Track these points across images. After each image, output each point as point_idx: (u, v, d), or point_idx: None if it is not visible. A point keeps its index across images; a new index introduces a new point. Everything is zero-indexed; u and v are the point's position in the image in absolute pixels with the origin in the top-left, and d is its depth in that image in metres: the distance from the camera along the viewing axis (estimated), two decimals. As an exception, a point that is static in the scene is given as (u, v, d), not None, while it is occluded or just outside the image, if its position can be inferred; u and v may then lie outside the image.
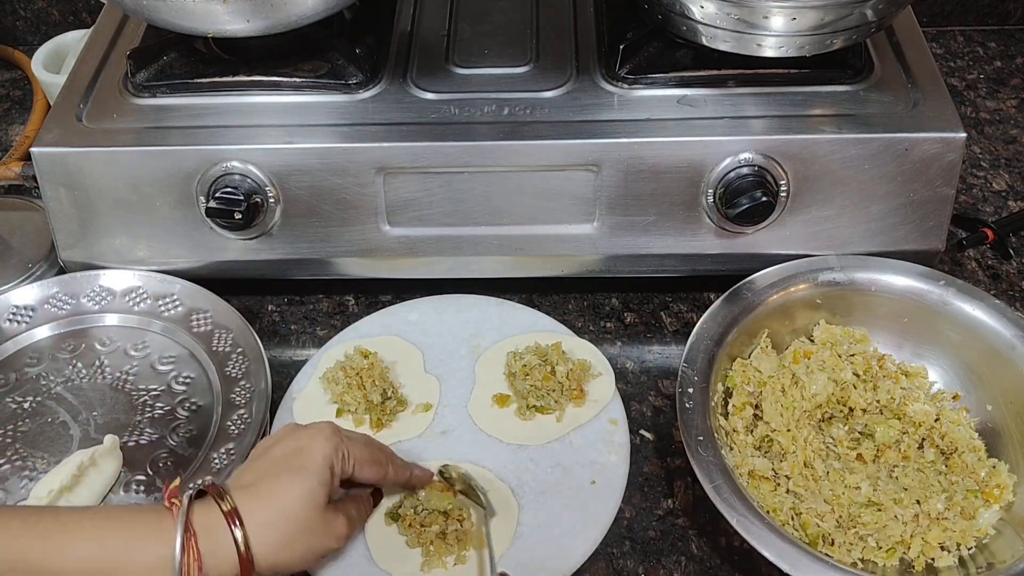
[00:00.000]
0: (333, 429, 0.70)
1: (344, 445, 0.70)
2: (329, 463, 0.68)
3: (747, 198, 0.84)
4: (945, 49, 1.27)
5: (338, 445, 0.69)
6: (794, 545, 0.70)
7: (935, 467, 0.80)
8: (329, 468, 0.68)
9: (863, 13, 0.82)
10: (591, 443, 0.84)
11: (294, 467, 0.67)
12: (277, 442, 0.70)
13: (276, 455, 0.69)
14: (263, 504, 0.65)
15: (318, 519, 0.67)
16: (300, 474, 0.66)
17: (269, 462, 0.68)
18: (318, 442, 0.68)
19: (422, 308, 0.95)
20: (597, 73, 0.93)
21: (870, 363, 0.85)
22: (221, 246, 0.91)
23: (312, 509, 0.66)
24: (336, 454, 0.69)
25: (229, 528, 0.63)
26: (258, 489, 0.66)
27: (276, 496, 0.65)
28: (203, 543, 0.62)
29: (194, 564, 0.61)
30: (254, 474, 0.67)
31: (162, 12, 0.83)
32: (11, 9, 1.28)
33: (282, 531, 0.65)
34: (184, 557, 0.61)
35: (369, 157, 0.86)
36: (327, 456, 0.68)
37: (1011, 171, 1.10)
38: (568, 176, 0.87)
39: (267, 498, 0.65)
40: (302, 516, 0.66)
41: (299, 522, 0.65)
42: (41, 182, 0.89)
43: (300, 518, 0.65)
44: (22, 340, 0.91)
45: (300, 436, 0.70)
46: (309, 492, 0.66)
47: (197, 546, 0.62)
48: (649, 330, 0.95)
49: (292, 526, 0.65)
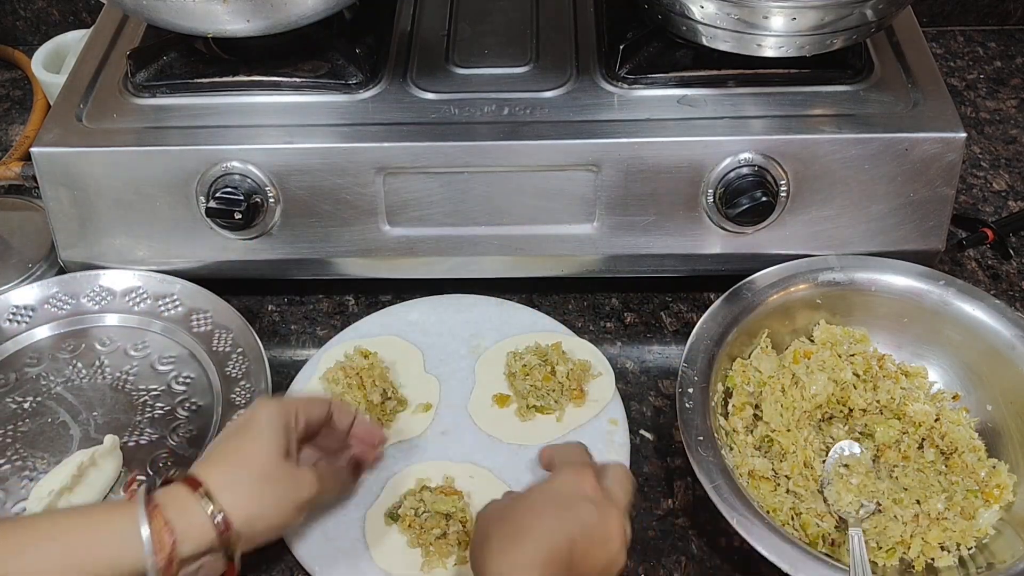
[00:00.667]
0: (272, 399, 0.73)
1: (287, 406, 0.70)
2: (279, 419, 0.69)
3: (747, 198, 0.84)
4: (945, 49, 1.27)
5: (280, 408, 0.70)
6: (794, 545, 0.70)
7: (935, 467, 0.80)
8: (282, 424, 0.69)
9: (863, 13, 0.82)
10: (591, 443, 0.83)
11: (240, 433, 0.68)
12: (226, 429, 0.71)
13: (225, 435, 0.70)
14: (220, 467, 0.66)
15: (280, 469, 0.67)
16: (250, 432, 0.68)
17: (217, 440, 0.70)
18: (260, 408, 0.70)
19: (422, 308, 0.95)
20: (597, 73, 0.93)
21: (870, 363, 0.85)
22: (221, 246, 0.91)
23: (269, 457, 0.66)
24: (281, 410, 0.69)
25: (190, 491, 0.63)
26: (208, 457, 0.67)
27: (229, 455, 0.67)
28: (170, 512, 0.62)
29: (164, 531, 0.61)
30: (208, 452, 0.69)
31: (162, 12, 0.83)
32: (11, 9, 1.28)
33: (245, 484, 0.65)
34: (153, 524, 0.60)
35: (369, 157, 0.86)
36: (271, 415, 0.69)
37: (1011, 171, 1.10)
38: (568, 176, 0.87)
39: (221, 461, 0.66)
40: (260, 466, 0.66)
41: (260, 473, 0.66)
42: (41, 182, 0.89)
43: (259, 469, 0.66)
44: (22, 340, 0.91)
45: (243, 413, 0.74)
46: (263, 445, 0.67)
47: (163, 515, 0.61)
48: (649, 330, 0.95)
49: (253, 478, 0.65)
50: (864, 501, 0.77)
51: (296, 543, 0.77)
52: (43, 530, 0.61)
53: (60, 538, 0.60)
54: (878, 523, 0.76)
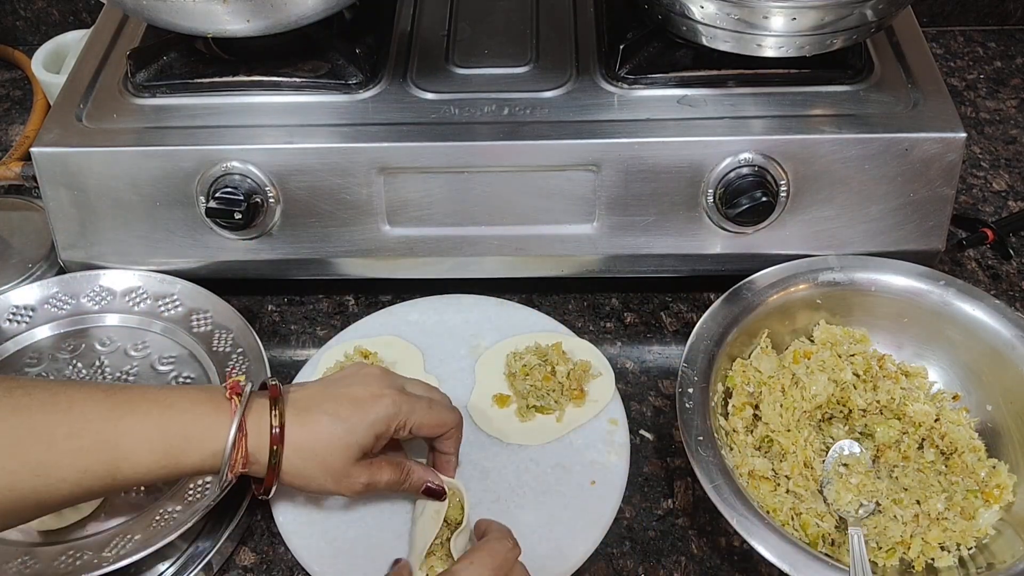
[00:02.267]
0: (397, 398, 0.72)
1: (403, 415, 0.72)
2: (377, 430, 0.71)
3: (747, 198, 0.84)
4: (945, 49, 1.27)
5: (395, 415, 0.72)
6: (794, 545, 0.70)
7: (935, 467, 0.80)
8: (375, 434, 0.71)
9: (863, 13, 0.82)
10: (591, 443, 0.84)
11: (343, 416, 0.70)
12: (349, 380, 0.73)
13: (340, 393, 0.72)
14: (305, 435, 0.69)
15: (342, 470, 0.71)
16: (344, 425, 0.70)
17: (330, 396, 0.72)
18: (378, 406, 0.71)
19: (422, 308, 0.95)
20: (597, 73, 0.93)
21: (870, 363, 0.85)
22: (221, 246, 0.91)
23: (341, 461, 0.70)
24: (390, 422, 0.71)
25: (269, 443, 0.68)
26: (307, 417, 0.70)
27: (315, 435, 0.69)
28: (251, 443, 0.68)
29: (240, 459, 0.68)
30: (313, 398, 0.71)
31: (162, 12, 0.83)
32: (11, 9, 1.28)
33: (308, 465, 0.70)
34: (234, 452, 0.67)
35: (369, 157, 0.86)
36: (378, 421, 0.71)
37: (1011, 171, 1.10)
38: (568, 176, 0.87)
39: (308, 432, 0.69)
40: (330, 463, 0.70)
41: (325, 467, 0.70)
42: (41, 182, 0.89)
43: (327, 464, 0.70)
44: (22, 340, 0.91)
45: (371, 387, 0.72)
46: (345, 447, 0.70)
47: (246, 446, 0.68)
48: (649, 330, 0.95)
49: (318, 466, 0.70)
50: (864, 500, 0.77)
51: (296, 543, 0.77)
52: (147, 413, 0.66)
53: (162, 425, 0.66)
54: (878, 523, 0.76)
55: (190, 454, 0.66)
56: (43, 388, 0.65)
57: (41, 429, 0.62)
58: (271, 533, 0.80)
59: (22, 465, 0.61)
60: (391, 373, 0.76)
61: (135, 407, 0.66)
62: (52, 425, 0.63)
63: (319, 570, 0.76)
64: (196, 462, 0.67)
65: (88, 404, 0.65)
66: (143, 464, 0.65)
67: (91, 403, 0.65)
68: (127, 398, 0.66)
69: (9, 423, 0.62)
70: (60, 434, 0.63)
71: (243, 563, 0.79)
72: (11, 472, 0.61)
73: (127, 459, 0.64)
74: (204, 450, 0.67)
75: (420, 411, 0.73)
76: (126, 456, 0.64)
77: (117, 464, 0.64)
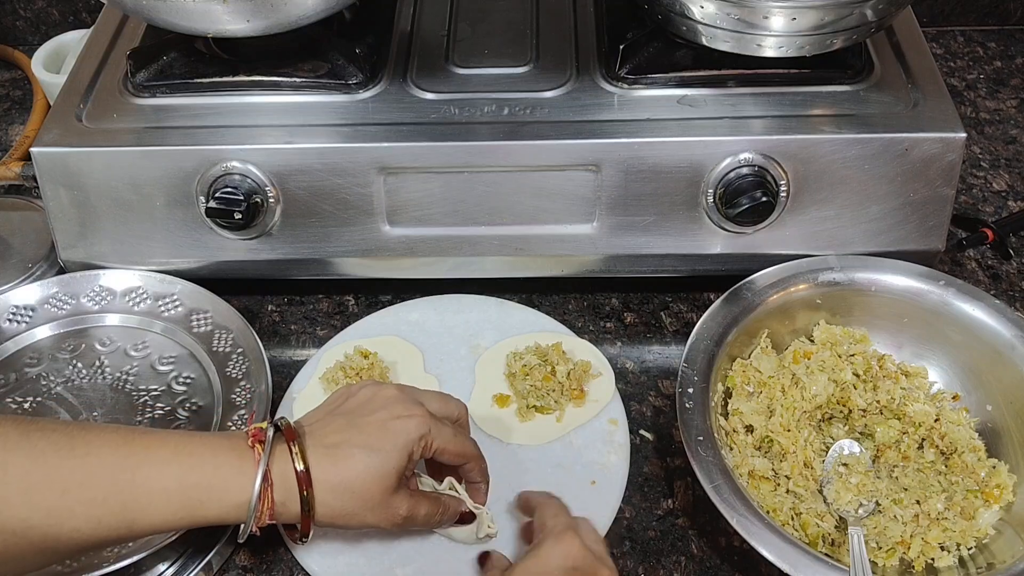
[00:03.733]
0: (425, 418, 0.70)
1: (431, 435, 0.70)
2: (409, 450, 0.68)
3: (747, 198, 0.84)
4: (945, 49, 1.27)
5: (425, 435, 0.69)
6: (794, 545, 0.70)
7: (935, 467, 0.80)
8: (408, 454, 0.68)
9: (863, 13, 0.82)
10: (591, 443, 0.84)
11: (374, 445, 0.67)
12: (371, 407, 0.70)
13: (364, 422, 0.69)
14: (336, 472, 0.66)
15: (381, 501, 0.68)
16: (378, 455, 0.67)
17: (354, 428, 0.68)
18: (408, 426, 0.69)
19: (422, 308, 0.95)
20: (597, 73, 0.93)
21: (870, 363, 0.85)
22: (221, 246, 0.91)
23: (380, 492, 0.67)
24: (420, 442, 0.69)
25: (299, 489, 0.65)
26: (335, 456, 0.67)
27: (350, 470, 0.66)
28: (278, 493, 0.65)
29: (266, 511, 0.65)
30: (337, 433, 0.68)
31: (162, 12, 0.83)
32: (11, 9, 1.28)
33: (347, 503, 0.67)
34: (260, 504, 0.64)
35: (369, 157, 0.86)
36: (410, 442, 0.68)
37: (1011, 171, 1.10)
38: (568, 176, 0.87)
39: (341, 470, 0.66)
40: (368, 497, 0.67)
41: (364, 501, 0.67)
42: (41, 182, 0.89)
43: (367, 498, 0.67)
44: (22, 340, 0.91)
45: (394, 409, 0.70)
46: (382, 477, 0.67)
47: (272, 495, 0.65)
48: (649, 330, 0.95)
49: (356, 502, 0.67)
50: (863, 500, 0.77)
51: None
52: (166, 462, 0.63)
53: (181, 475, 0.63)
54: (878, 523, 0.76)
55: (210, 507, 0.64)
56: (61, 431, 0.62)
57: (55, 475, 0.60)
58: (271, 533, 0.80)
59: (34, 511, 0.59)
60: (407, 389, 0.73)
61: (152, 454, 0.63)
62: (66, 471, 0.60)
63: (319, 570, 0.76)
64: (217, 514, 0.64)
65: (105, 450, 0.62)
66: (160, 516, 0.63)
67: (108, 449, 0.62)
68: (145, 444, 0.63)
69: (23, 467, 0.59)
70: (74, 482, 0.60)
71: (243, 563, 0.79)
72: (22, 519, 0.58)
73: (143, 511, 0.62)
74: (226, 502, 0.64)
75: (446, 436, 0.71)
76: (143, 508, 0.62)
77: (133, 516, 0.62)
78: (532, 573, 0.65)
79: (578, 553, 0.66)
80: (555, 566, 0.65)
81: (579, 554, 0.66)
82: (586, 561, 0.66)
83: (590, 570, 0.65)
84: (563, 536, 0.67)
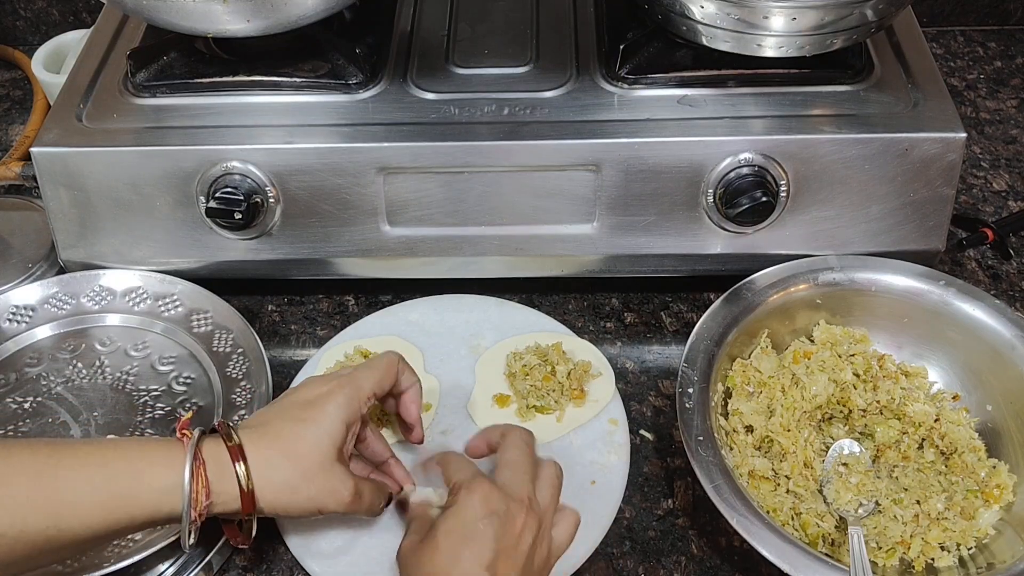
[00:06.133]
0: (343, 381, 0.70)
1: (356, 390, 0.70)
2: (346, 412, 0.68)
3: (747, 198, 0.84)
4: (945, 49, 1.27)
5: (351, 396, 0.69)
6: (794, 545, 0.70)
7: (935, 467, 0.80)
8: (347, 419, 0.68)
9: (863, 13, 0.82)
10: (591, 443, 0.84)
11: (304, 416, 0.67)
12: (294, 391, 0.71)
13: (289, 402, 0.69)
14: (268, 444, 0.65)
15: (324, 470, 0.66)
16: (310, 423, 0.67)
17: (281, 408, 0.69)
18: (331, 396, 0.69)
19: (422, 308, 0.95)
20: (597, 73, 0.93)
21: (870, 363, 0.85)
22: (221, 246, 0.91)
23: (318, 457, 0.66)
24: (349, 407, 0.69)
25: (232, 463, 0.63)
26: (265, 430, 0.66)
27: (282, 438, 0.66)
28: (211, 471, 0.63)
29: (202, 491, 0.62)
30: (265, 416, 0.68)
31: (162, 12, 0.83)
32: (11, 9, 1.28)
33: (286, 472, 0.65)
34: (193, 483, 0.62)
35: (369, 157, 0.86)
36: (338, 410, 0.68)
37: (1011, 171, 1.10)
38: (568, 176, 0.87)
39: (273, 439, 0.66)
40: (307, 462, 0.66)
41: (303, 468, 0.66)
42: (41, 182, 0.89)
43: (304, 464, 0.66)
44: (22, 340, 0.91)
45: (315, 386, 0.70)
46: (316, 440, 0.66)
47: (206, 474, 0.63)
48: (649, 330, 0.95)
49: (295, 470, 0.65)
50: (863, 500, 0.77)
51: (296, 543, 0.77)
52: (89, 455, 0.61)
53: (106, 466, 0.61)
54: (878, 523, 0.76)
55: (141, 496, 0.61)
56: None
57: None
58: (271, 533, 0.80)
59: None
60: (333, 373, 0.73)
61: (75, 452, 0.61)
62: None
63: (319, 570, 0.76)
64: (150, 505, 0.61)
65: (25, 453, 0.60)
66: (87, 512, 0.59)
67: (28, 452, 0.60)
68: (70, 447, 0.62)
69: None
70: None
71: (243, 563, 0.79)
72: None
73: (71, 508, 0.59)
74: (157, 486, 0.61)
75: (365, 374, 0.71)
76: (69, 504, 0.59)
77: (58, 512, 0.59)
78: (454, 530, 0.64)
79: (493, 496, 0.66)
80: (473, 517, 0.65)
81: (494, 497, 0.66)
82: (501, 503, 0.65)
83: (503, 510, 0.65)
84: (473, 485, 0.66)
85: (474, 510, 0.65)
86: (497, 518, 0.64)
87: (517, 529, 0.65)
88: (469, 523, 0.64)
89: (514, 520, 0.65)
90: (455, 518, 0.65)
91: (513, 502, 0.66)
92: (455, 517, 0.65)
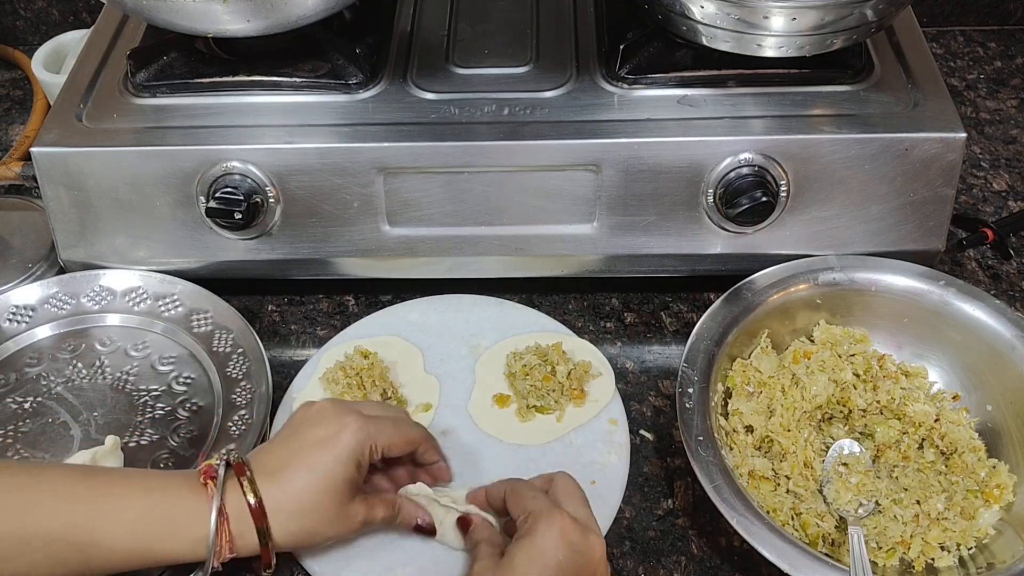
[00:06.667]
0: (361, 422, 0.71)
1: (372, 439, 0.71)
2: (355, 460, 0.70)
3: (747, 198, 0.84)
4: (945, 49, 1.27)
5: (364, 440, 0.70)
6: (794, 545, 0.70)
7: (935, 467, 0.80)
8: (355, 464, 0.70)
9: (863, 13, 0.82)
10: (591, 443, 0.84)
11: (317, 464, 0.69)
12: (306, 426, 0.71)
13: (303, 442, 0.70)
14: (288, 499, 0.68)
15: (338, 512, 0.69)
16: (322, 472, 0.68)
17: (295, 449, 0.70)
18: (345, 437, 0.70)
19: (422, 308, 0.95)
20: (597, 73, 0.93)
21: (870, 363, 0.85)
22: (221, 246, 0.91)
23: (333, 506, 0.69)
24: (363, 449, 0.70)
25: (254, 521, 0.67)
26: (283, 480, 0.68)
27: (300, 494, 0.68)
28: (234, 527, 0.66)
29: (226, 545, 0.66)
30: (280, 459, 0.69)
31: (162, 12, 0.83)
32: (11, 9, 1.28)
33: (306, 523, 0.68)
34: (218, 538, 0.66)
35: (369, 157, 0.86)
36: (352, 452, 0.69)
37: (1011, 171, 1.10)
38: (568, 176, 0.87)
39: (290, 494, 0.68)
40: (322, 513, 0.69)
41: (319, 518, 0.69)
42: (41, 182, 0.89)
43: (321, 514, 0.69)
44: (22, 340, 0.91)
45: (328, 423, 0.71)
46: (331, 491, 0.68)
47: (230, 529, 0.66)
48: (649, 330, 0.95)
49: (312, 522, 0.69)
50: (863, 500, 0.77)
51: (296, 543, 0.77)
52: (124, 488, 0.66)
53: (139, 501, 0.65)
54: (878, 523, 0.76)
55: (170, 541, 0.65)
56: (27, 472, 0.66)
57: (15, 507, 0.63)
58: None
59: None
60: (343, 402, 0.74)
61: (112, 488, 0.65)
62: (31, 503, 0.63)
63: (319, 570, 0.76)
64: (177, 549, 0.66)
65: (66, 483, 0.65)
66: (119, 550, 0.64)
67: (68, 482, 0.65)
68: (107, 480, 0.66)
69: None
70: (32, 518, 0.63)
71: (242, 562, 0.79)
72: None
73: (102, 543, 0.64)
74: (185, 537, 0.66)
75: (387, 430, 0.72)
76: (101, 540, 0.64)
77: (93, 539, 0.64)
78: (533, 559, 0.65)
79: (570, 528, 0.66)
80: (552, 547, 0.65)
81: (571, 528, 0.66)
82: (577, 535, 0.66)
83: (582, 543, 0.66)
84: (552, 516, 0.67)
85: (554, 540, 0.65)
86: (577, 551, 0.65)
87: (595, 564, 0.66)
88: (550, 552, 0.65)
89: (592, 552, 0.66)
90: (533, 546, 0.65)
91: (591, 534, 0.67)
92: (533, 545, 0.65)
